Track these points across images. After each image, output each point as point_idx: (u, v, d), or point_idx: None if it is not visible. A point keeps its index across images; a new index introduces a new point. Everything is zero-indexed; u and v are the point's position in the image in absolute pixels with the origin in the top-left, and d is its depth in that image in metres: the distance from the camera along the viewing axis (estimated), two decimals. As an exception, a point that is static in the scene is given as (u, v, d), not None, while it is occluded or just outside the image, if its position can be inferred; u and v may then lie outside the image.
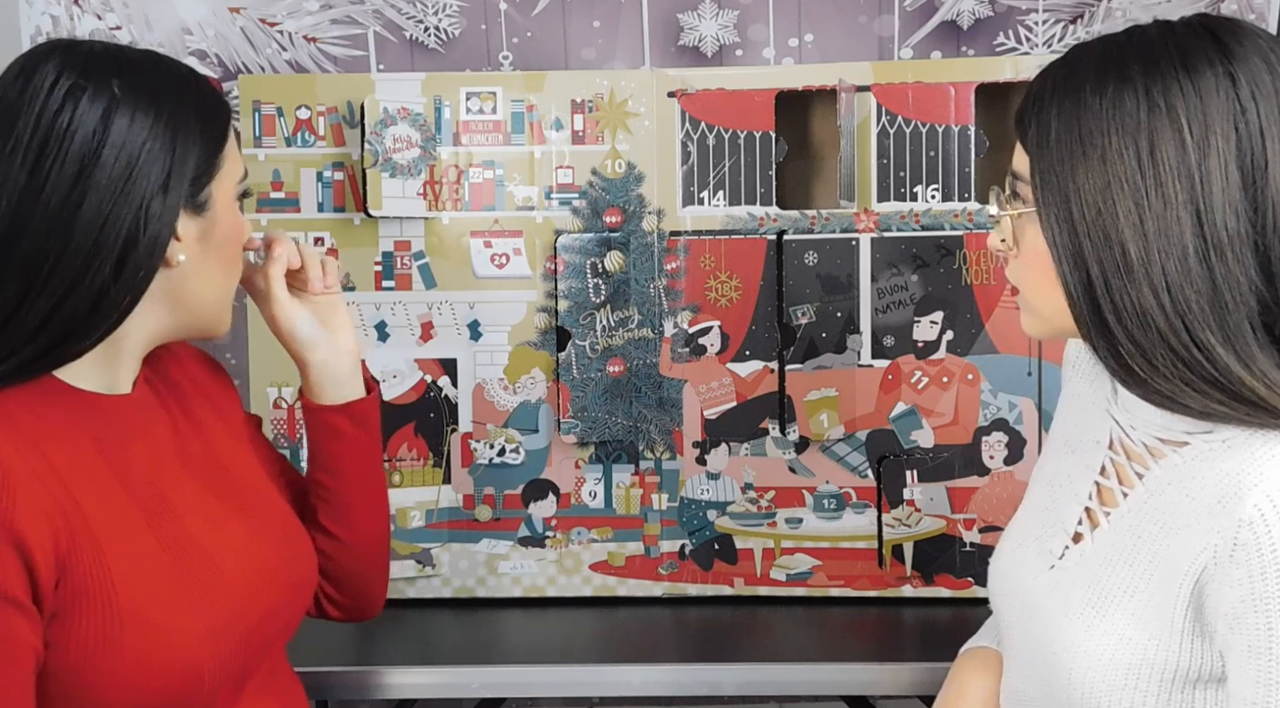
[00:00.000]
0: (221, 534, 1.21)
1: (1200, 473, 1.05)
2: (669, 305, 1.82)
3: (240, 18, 2.05)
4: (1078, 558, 1.14)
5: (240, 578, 1.20)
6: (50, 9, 2.04)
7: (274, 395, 1.83)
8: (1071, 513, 1.16)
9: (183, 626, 1.13)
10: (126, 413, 1.19)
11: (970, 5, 2.02)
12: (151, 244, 1.11)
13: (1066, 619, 1.11)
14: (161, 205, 1.11)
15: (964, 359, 1.80)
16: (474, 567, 1.84)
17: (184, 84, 1.17)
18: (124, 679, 1.10)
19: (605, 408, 1.81)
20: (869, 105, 1.80)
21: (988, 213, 1.16)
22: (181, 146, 1.13)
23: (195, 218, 1.16)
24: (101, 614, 1.09)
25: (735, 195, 1.81)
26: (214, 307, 1.22)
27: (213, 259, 1.19)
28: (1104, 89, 1.03)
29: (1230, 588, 1.00)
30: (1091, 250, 1.02)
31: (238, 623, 1.18)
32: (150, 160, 1.11)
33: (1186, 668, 1.04)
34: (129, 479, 1.16)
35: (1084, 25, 2.02)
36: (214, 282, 1.21)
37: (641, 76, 1.82)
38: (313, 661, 1.60)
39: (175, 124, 1.13)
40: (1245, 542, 0.98)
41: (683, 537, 1.83)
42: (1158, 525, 1.07)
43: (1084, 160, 1.03)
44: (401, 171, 1.78)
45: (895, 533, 1.81)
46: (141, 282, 1.12)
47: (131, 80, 1.12)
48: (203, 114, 1.17)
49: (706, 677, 1.61)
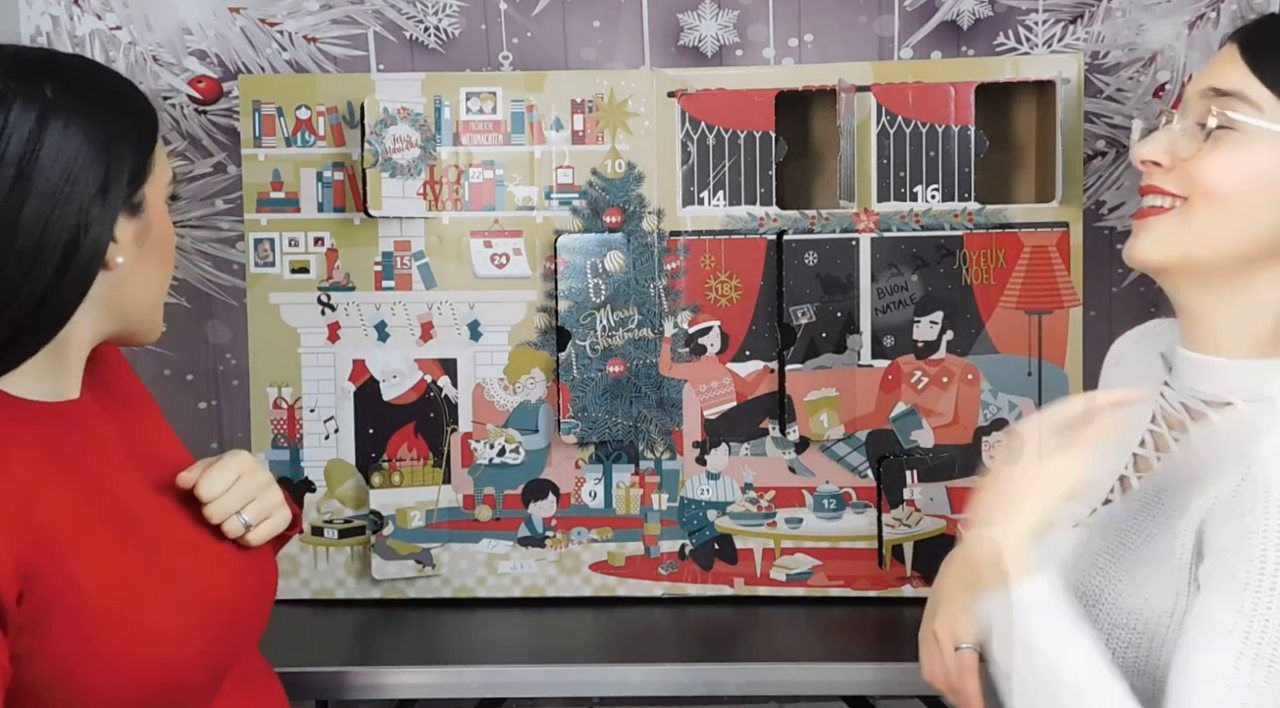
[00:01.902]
0: (182, 532, 1.22)
1: (1233, 428, 1.08)
2: (669, 305, 1.82)
3: (240, 18, 2.04)
4: (1105, 515, 1.17)
5: (207, 574, 1.20)
6: (50, 9, 2.04)
7: (274, 395, 1.83)
8: (1105, 485, 1.19)
9: (158, 623, 1.13)
10: (75, 418, 1.20)
11: (970, 5, 2.02)
12: (93, 246, 1.12)
13: (1083, 565, 1.14)
14: (101, 208, 1.12)
15: (964, 359, 1.80)
16: (474, 567, 1.84)
17: (114, 88, 1.18)
18: (106, 682, 1.10)
19: (605, 408, 1.81)
20: (869, 105, 1.80)
21: (1180, 123, 1.11)
22: (117, 149, 1.14)
23: (132, 220, 1.17)
24: (76, 621, 1.09)
25: (735, 195, 1.81)
26: (149, 309, 1.24)
27: (148, 260, 1.20)
28: None
29: (1228, 522, 1.02)
30: None
31: (210, 618, 1.18)
32: (86, 163, 1.12)
33: (1182, 612, 1.06)
34: (84, 485, 1.16)
35: (1084, 25, 2.02)
36: (150, 283, 1.22)
37: (641, 76, 1.82)
38: (313, 661, 1.60)
39: (109, 127, 1.14)
40: (1252, 476, 1.01)
41: (683, 537, 1.83)
42: (1183, 479, 1.10)
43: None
44: (401, 171, 1.79)
45: (895, 533, 1.81)
46: (84, 284, 1.13)
47: (64, 84, 1.13)
48: (134, 117, 1.18)
49: (706, 677, 1.61)
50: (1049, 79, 1.78)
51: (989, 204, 1.79)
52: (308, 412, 1.83)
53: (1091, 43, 2.02)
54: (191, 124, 2.06)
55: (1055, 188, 1.78)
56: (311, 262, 1.83)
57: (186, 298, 2.10)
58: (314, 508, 1.84)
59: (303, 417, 1.83)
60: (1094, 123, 2.00)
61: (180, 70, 2.05)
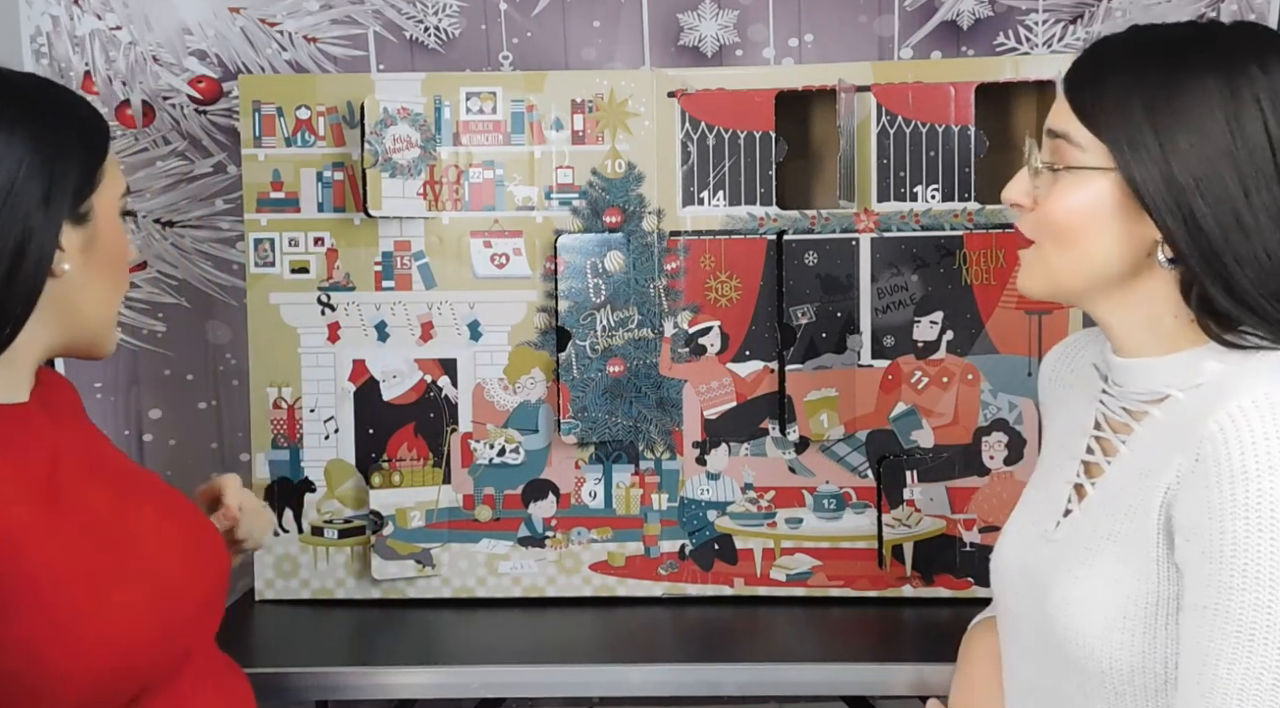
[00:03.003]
0: (134, 519, 1.25)
1: (1176, 418, 1.12)
2: (669, 305, 1.82)
3: (240, 18, 2.05)
4: (1070, 528, 1.19)
5: (161, 559, 1.24)
6: (50, 9, 2.04)
7: (274, 395, 1.83)
8: (1062, 494, 1.22)
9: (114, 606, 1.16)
10: (24, 417, 1.23)
11: (970, 5, 2.02)
12: (38, 254, 1.17)
13: (1058, 577, 1.16)
14: (44, 217, 1.17)
15: (964, 359, 1.80)
16: (474, 567, 1.84)
17: (62, 103, 1.24)
18: (70, 667, 1.13)
19: (605, 408, 1.81)
20: (869, 105, 1.80)
21: (1036, 162, 1.19)
22: (61, 161, 1.19)
23: (78, 229, 1.22)
24: (34, 612, 1.12)
25: (735, 195, 1.81)
26: (99, 321, 1.27)
27: (96, 269, 1.25)
28: (1185, 63, 1.11)
29: (1189, 500, 1.05)
30: (1205, 209, 1.08)
31: (165, 601, 1.21)
32: (30, 174, 1.16)
33: (1167, 598, 1.09)
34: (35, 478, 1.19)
35: (1084, 25, 2.02)
36: (99, 294, 1.26)
37: (641, 76, 1.82)
38: (313, 661, 1.60)
39: (54, 140, 1.19)
40: (1206, 455, 1.04)
41: (683, 537, 1.83)
42: (1138, 473, 1.13)
43: (1183, 128, 1.09)
44: (401, 171, 1.78)
45: (895, 533, 1.81)
46: (33, 291, 1.17)
47: (10, 99, 1.19)
48: (82, 130, 1.23)
49: (706, 677, 1.61)
50: (1049, 79, 1.78)
51: (989, 204, 1.79)
52: (308, 412, 1.83)
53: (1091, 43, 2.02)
54: (191, 124, 2.07)
55: (1055, 188, 1.78)
56: (311, 262, 1.83)
57: (186, 298, 2.10)
58: (314, 508, 1.84)
59: (303, 417, 1.83)
60: (1094, 123, 2.00)
61: (180, 70, 2.05)
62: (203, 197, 2.08)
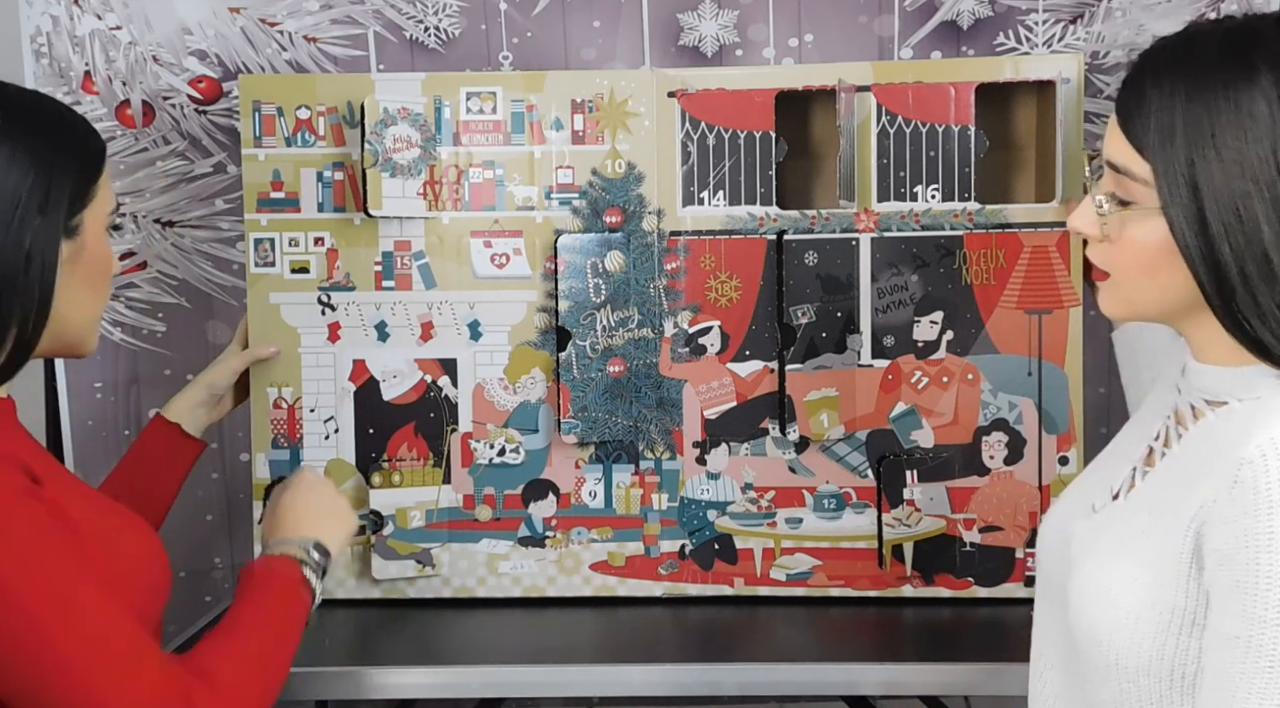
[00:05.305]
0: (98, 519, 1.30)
1: (1226, 427, 1.11)
2: (669, 305, 1.82)
3: (240, 18, 2.05)
4: (1113, 512, 1.19)
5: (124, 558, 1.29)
6: (50, 9, 2.04)
7: (274, 395, 1.83)
8: (1122, 473, 1.22)
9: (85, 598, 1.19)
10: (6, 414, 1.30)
11: (970, 5, 2.02)
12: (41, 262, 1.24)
13: (1085, 560, 1.16)
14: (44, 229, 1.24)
15: (964, 359, 1.80)
16: (474, 567, 1.84)
17: (62, 120, 1.30)
18: None
19: (605, 408, 1.81)
20: (869, 105, 1.80)
21: (1098, 209, 1.14)
22: (60, 176, 1.25)
23: (66, 241, 1.27)
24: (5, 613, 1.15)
25: (735, 195, 1.81)
26: (80, 326, 1.33)
27: (80, 280, 1.30)
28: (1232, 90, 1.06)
29: (1224, 525, 1.04)
30: (1231, 256, 1.06)
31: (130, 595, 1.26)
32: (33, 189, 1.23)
33: (1183, 609, 1.08)
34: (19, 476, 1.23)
35: (1084, 25, 2.02)
36: (81, 302, 1.32)
37: (641, 76, 1.82)
38: (313, 661, 1.60)
39: (54, 156, 1.25)
40: (1244, 480, 1.03)
41: (683, 537, 1.83)
42: (1182, 477, 1.12)
43: (1218, 162, 1.06)
44: (401, 172, 1.78)
45: (895, 533, 1.81)
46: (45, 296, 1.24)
47: (13, 117, 1.24)
48: (78, 147, 1.29)
49: (706, 677, 1.61)
50: (1049, 79, 1.78)
51: (989, 204, 1.79)
52: (308, 412, 1.83)
53: (1091, 43, 2.02)
54: (191, 124, 2.07)
55: (1055, 188, 1.78)
56: (311, 262, 1.83)
57: (186, 298, 2.10)
58: (314, 508, 1.84)
59: (303, 417, 1.83)
60: (1094, 123, 2.00)
61: (180, 70, 2.05)
62: (203, 197, 2.08)
